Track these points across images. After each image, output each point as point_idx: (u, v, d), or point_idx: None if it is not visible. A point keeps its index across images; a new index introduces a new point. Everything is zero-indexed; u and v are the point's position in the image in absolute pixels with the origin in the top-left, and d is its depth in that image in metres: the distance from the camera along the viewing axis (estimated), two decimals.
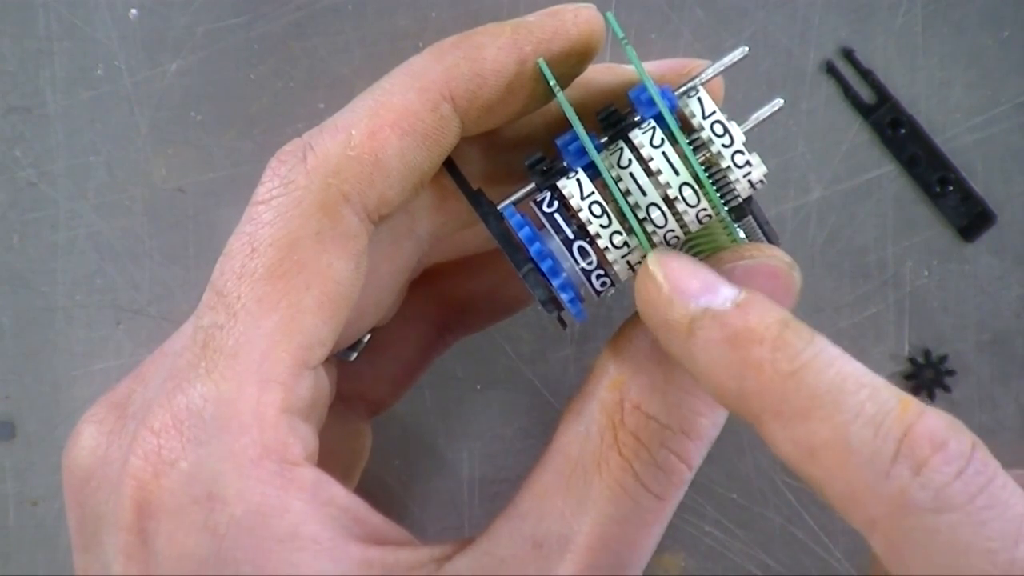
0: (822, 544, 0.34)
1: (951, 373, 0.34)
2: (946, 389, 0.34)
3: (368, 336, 0.29)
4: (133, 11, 0.34)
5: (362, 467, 0.32)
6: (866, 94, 0.34)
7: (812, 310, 0.34)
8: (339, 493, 0.24)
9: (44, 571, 0.35)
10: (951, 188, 0.33)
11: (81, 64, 0.34)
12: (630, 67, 0.25)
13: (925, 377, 0.34)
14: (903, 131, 0.34)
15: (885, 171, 0.34)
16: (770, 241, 0.26)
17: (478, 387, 0.35)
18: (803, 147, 0.34)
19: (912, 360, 0.34)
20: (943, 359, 0.34)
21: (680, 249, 0.26)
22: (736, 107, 0.32)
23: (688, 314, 0.22)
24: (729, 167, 0.24)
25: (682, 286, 0.23)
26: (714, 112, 0.25)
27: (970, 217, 0.34)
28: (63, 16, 0.34)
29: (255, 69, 0.34)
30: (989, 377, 0.34)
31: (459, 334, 0.33)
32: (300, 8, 0.34)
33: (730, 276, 0.24)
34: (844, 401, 0.21)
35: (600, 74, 0.27)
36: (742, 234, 0.26)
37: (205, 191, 0.34)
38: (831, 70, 0.34)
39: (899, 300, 0.34)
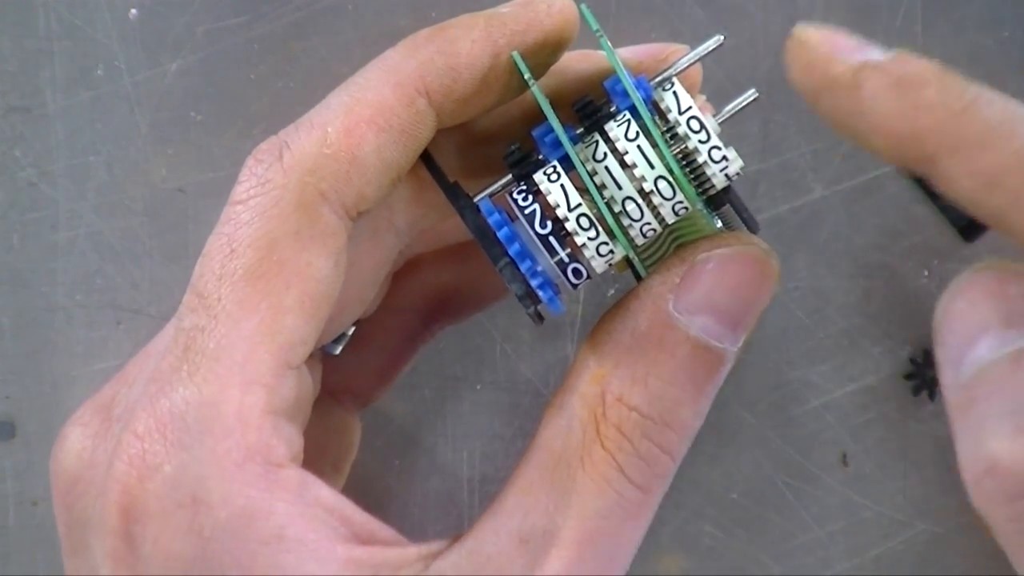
0: (822, 544, 0.34)
1: None
2: None
3: (352, 329, 0.29)
4: (133, 11, 0.34)
5: (351, 460, 0.32)
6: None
7: (812, 310, 0.34)
8: (325, 493, 0.24)
9: (44, 571, 0.35)
10: None
11: (81, 64, 0.34)
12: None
13: (925, 377, 0.34)
14: None
15: (885, 171, 0.34)
16: (750, 229, 0.26)
17: (478, 387, 0.35)
18: (803, 147, 0.34)
19: (912, 360, 0.34)
20: None
21: (662, 237, 0.26)
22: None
23: (851, 67, 0.23)
24: (706, 162, 0.24)
25: (839, 44, 0.23)
26: (690, 107, 0.25)
27: (970, 217, 0.34)
28: (63, 16, 0.34)
29: (255, 69, 0.34)
30: None
31: (444, 323, 0.33)
32: (300, 8, 0.34)
33: (706, 266, 0.24)
34: (1020, 129, 0.21)
35: (576, 61, 0.27)
36: (719, 224, 0.26)
37: (205, 191, 0.34)
38: None
39: (899, 300, 0.34)
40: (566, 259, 0.25)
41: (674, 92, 0.25)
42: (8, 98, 0.34)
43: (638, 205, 0.24)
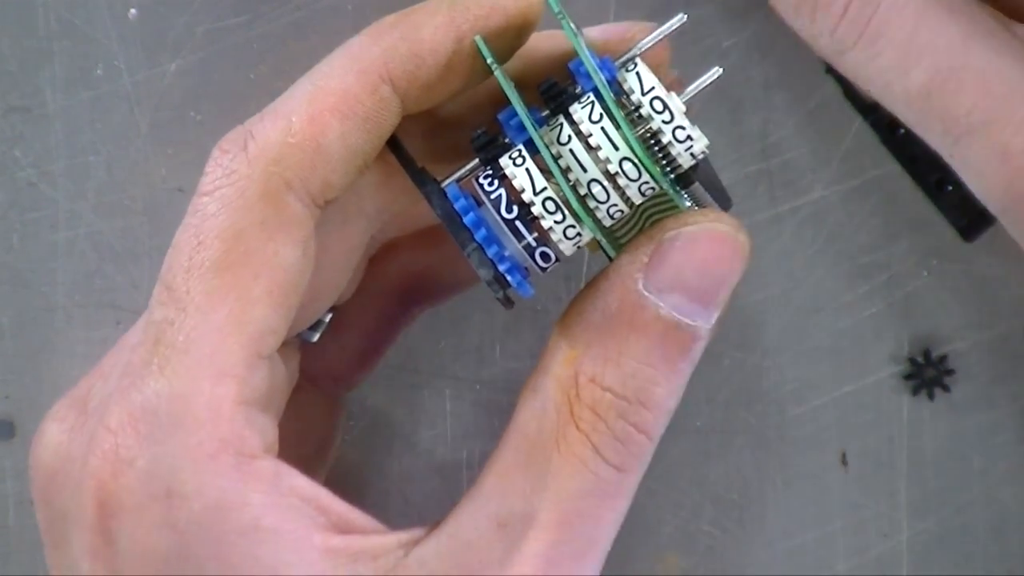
0: (822, 544, 0.34)
1: (951, 373, 0.34)
2: (946, 389, 0.34)
3: (330, 316, 0.29)
4: (133, 11, 0.34)
5: (336, 445, 0.32)
6: (866, 94, 0.34)
7: (812, 310, 0.34)
8: (300, 483, 0.24)
9: (44, 571, 0.35)
10: (951, 188, 0.33)
11: (81, 64, 0.34)
12: None
13: (925, 377, 0.34)
14: (903, 131, 0.33)
15: (885, 171, 0.34)
16: (721, 206, 0.26)
17: (478, 387, 0.35)
18: (803, 147, 0.34)
19: (912, 360, 0.34)
20: (943, 359, 0.34)
21: (637, 214, 0.26)
22: (735, 107, 0.32)
23: None
24: (670, 142, 0.24)
25: None
26: (653, 87, 0.25)
27: (970, 217, 0.34)
28: (63, 16, 0.34)
29: (255, 69, 0.34)
30: (989, 377, 0.34)
31: (424, 306, 0.33)
32: (300, 8, 0.34)
33: (674, 243, 0.24)
34: None
35: (543, 42, 0.27)
36: (688, 202, 0.26)
37: None
38: (831, 70, 0.34)
39: (899, 300, 0.34)
40: (533, 243, 0.25)
41: (637, 72, 0.25)
42: (8, 98, 0.34)
43: (604, 187, 0.24)
